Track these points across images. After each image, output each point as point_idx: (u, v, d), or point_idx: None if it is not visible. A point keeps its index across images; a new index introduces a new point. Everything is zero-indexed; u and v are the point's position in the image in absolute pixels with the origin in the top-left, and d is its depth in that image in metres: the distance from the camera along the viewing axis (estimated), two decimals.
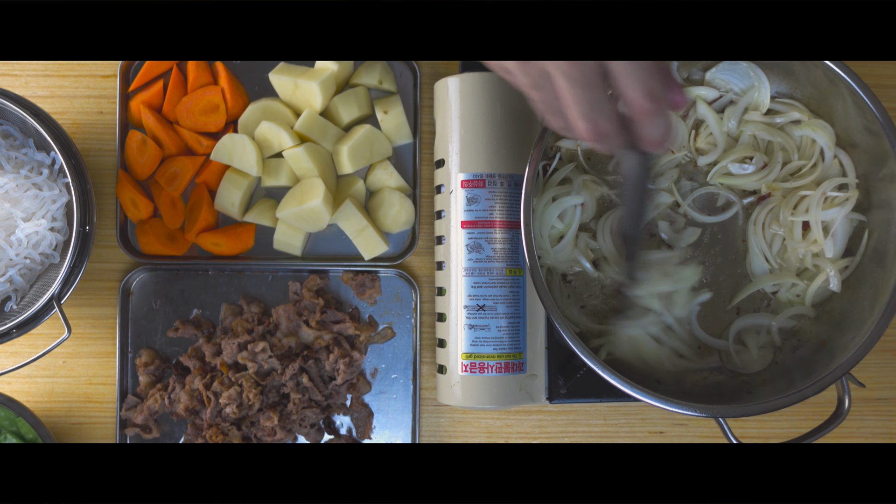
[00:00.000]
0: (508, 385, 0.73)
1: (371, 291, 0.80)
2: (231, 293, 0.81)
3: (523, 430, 0.82)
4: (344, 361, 0.77)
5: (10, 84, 0.81)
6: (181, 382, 0.78)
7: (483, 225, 0.73)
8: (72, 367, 0.80)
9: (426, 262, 0.82)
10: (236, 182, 0.78)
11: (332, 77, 0.78)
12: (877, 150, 0.69)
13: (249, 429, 0.78)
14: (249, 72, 0.81)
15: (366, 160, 0.79)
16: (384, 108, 0.80)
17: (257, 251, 0.81)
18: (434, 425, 0.82)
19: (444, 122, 0.75)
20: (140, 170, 0.79)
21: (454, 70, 0.78)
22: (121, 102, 0.80)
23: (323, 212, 0.76)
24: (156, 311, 0.80)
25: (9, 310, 0.75)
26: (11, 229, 0.73)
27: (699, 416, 0.64)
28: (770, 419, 0.82)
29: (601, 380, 0.64)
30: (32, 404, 0.80)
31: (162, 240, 0.79)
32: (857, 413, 0.82)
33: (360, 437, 0.80)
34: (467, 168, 0.73)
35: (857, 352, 0.65)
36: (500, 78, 0.74)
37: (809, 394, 0.65)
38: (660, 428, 0.82)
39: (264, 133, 0.78)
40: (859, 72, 0.67)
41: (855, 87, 0.67)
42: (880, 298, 0.67)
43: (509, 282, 0.73)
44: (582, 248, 0.73)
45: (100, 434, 0.80)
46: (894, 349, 0.83)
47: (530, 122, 0.75)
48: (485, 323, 0.72)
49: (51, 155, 0.75)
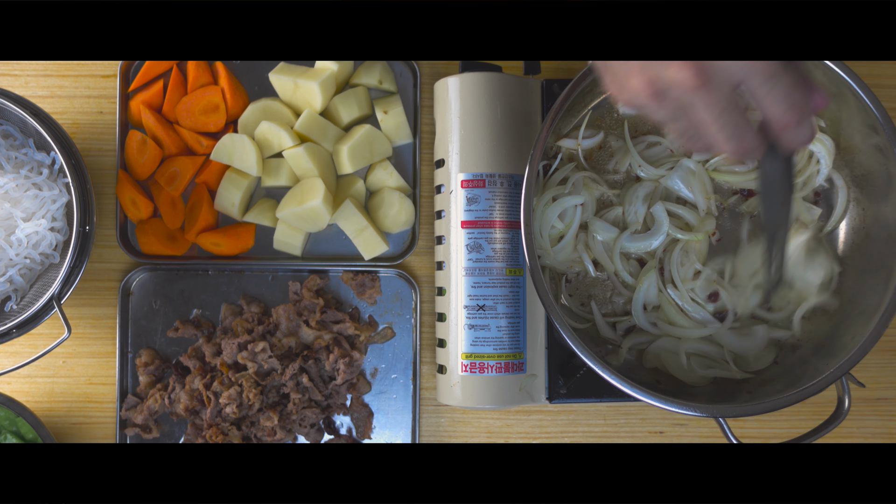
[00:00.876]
0: (508, 385, 0.73)
1: (371, 291, 0.80)
2: (231, 293, 0.81)
3: (523, 430, 0.82)
4: (344, 361, 0.77)
5: (10, 84, 0.81)
6: (181, 382, 0.78)
7: (483, 225, 0.73)
8: (72, 367, 0.80)
9: (426, 262, 0.82)
10: (236, 182, 0.78)
11: (332, 77, 0.78)
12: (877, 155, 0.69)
13: (249, 429, 0.78)
14: (249, 72, 0.81)
15: (366, 160, 0.79)
16: (384, 108, 0.80)
17: (257, 251, 0.81)
18: (434, 425, 0.82)
19: (444, 122, 0.75)
20: (140, 170, 0.79)
21: (454, 70, 0.78)
22: (121, 102, 0.80)
23: (323, 212, 0.76)
24: (156, 311, 0.80)
25: (9, 310, 0.75)
26: (11, 229, 0.73)
27: (699, 416, 0.64)
28: (770, 419, 0.82)
29: (601, 380, 0.64)
30: (32, 404, 0.80)
31: (162, 240, 0.79)
32: (857, 413, 0.82)
33: (360, 437, 0.80)
34: (467, 168, 0.73)
35: (857, 352, 0.65)
36: (500, 78, 0.74)
37: (809, 394, 0.65)
38: (660, 428, 0.82)
39: (264, 133, 0.78)
40: (859, 72, 0.67)
41: (855, 88, 0.67)
42: (880, 298, 0.67)
43: (509, 282, 0.73)
44: (582, 248, 0.73)
45: (100, 434, 0.80)
46: (894, 349, 0.83)
47: (530, 122, 0.75)
48: (485, 323, 0.72)
49: (51, 155, 0.75)
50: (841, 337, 0.69)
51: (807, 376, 0.67)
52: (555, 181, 0.73)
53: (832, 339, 0.71)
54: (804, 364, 0.71)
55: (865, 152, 0.71)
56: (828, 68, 0.67)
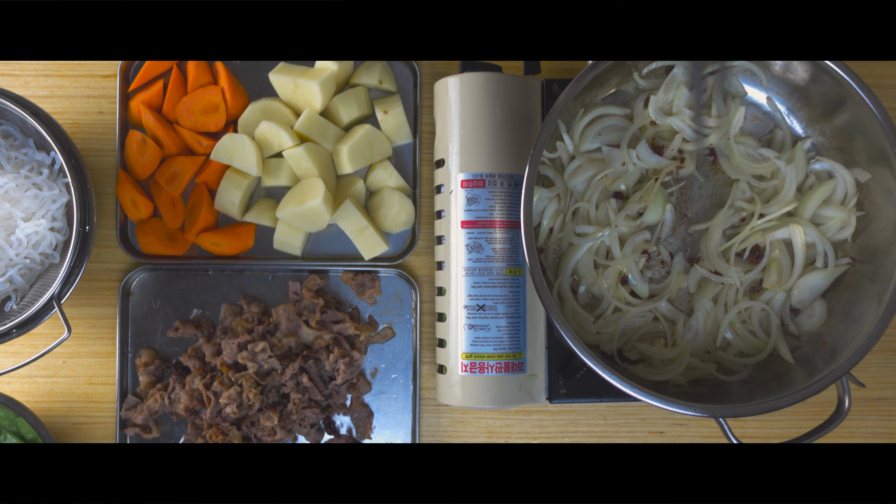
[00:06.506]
0: (508, 385, 0.73)
1: (371, 291, 0.80)
2: (231, 293, 0.81)
3: (523, 430, 0.82)
4: (344, 361, 0.77)
5: (10, 84, 0.81)
6: (181, 382, 0.78)
7: (483, 225, 0.73)
8: (72, 367, 0.80)
9: (426, 262, 0.82)
10: (236, 182, 0.78)
11: (332, 77, 0.78)
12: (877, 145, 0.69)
13: (249, 429, 0.78)
14: (249, 72, 0.81)
15: (366, 160, 0.79)
16: (384, 108, 0.80)
17: (257, 251, 0.81)
18: (434, 425, 0.82)
19: (444, 122, 0.75)
20: (140, 170, 0.79)
21: (454, 70, 0.78)
22: (121, 102, 0.80)
23: (323, 212, 0.76)
24: (156, 311, 0.80)
25: (9, 310, 0.75)
26: (11, 229, 0.73)
27: (699, 416, 0.64)
28: (770, 419, 0.82)
29: (601, 380, 0.64)
30: (32, 404, 0.80)
31: (162, 240, 0.79)
32: (857, 413, 0.82)
33: (360, 437, 0.80)
34: (467, 168, 0.73)
35: (857, 352, 0.65)
36: (500, 78, 0.74)
37: (809, 394, 0.65)
38: (660, 428, 0.82)
39: (264, 133, 0.78)
40: (859, 72, 0.67)
41: (855, 88, 0.67)
42: (881, 298, 0.67)
43: (509, 282, 0.73)
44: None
45: (100, 434, 0.80)
46: (894, 349, 0.83)
47: (530, 122, 0.75)
48: (485, 323, 0.72)
49: (51, 155, 0.75)
50: (841, 337, 0.69)
51: (807, 376, 0.67)
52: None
53: (832, 338, 0.71)
54: (804, 364, 0.71)
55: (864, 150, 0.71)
56: (828, 68, 0.67)
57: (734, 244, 0.73)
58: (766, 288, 0.73)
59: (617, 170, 0.74)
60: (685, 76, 0.74)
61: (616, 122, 0.75)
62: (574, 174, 0.74)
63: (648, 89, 0.75)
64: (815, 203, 0.73)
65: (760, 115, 0.76)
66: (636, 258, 0.73)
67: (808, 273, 0.73)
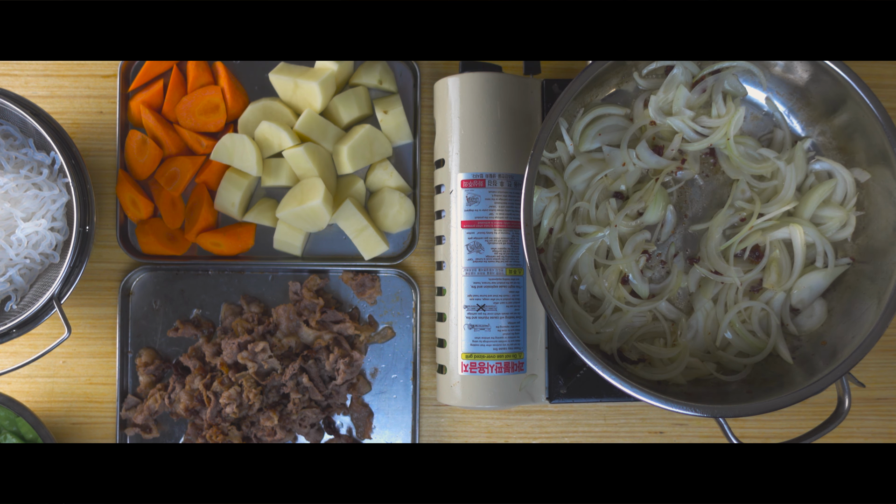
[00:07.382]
0: (508, 385, 0.73)
1: (371, 291, 0.80)
2: (231, 293, 0.81)
3: (523, 430, 0.82)
4: (344, 361, 0.77)
5: (10, 84, 0.81)
6: (181, 382, 0.78)
7: (483, 225, 0.73)
8: (72, 367, 0.80)
9: (426, 262, 0.82)
10: (236, 182, 0.78)
11: (332, 77, 0.78)
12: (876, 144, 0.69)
13: (249, 429, 0.78)
14: (249, 72, 0.81)
15: (366, 160, 0.79)
16: (384, 108, 0.80)
17: (257, 251, 0.81)
18: (434, 425, 0.82)
19: (444, 122, 0.75)
20: (140, 170, 0.79)
21: (454, 70, 0.78)
22: (121, 102, 0.80)
23: (323, 212, 0.76)
24: (156, 311, 0.80)
25: (9, 310, 0.75)
26: (11, 229, 0.73)
27: (699, 416, 0.64)
28: (770, 419, 0.82)
29: (601, 380, 0.64)
30: (32, 404, 0.80)
31: (162, 240, 0.79)
32: (857, 413, 0.82)
33: (360, 437, 0.80)
34: (467, 168, 0.73)
35: (857, 352, 0.65)
36: (500, 78, 0.74)
37: (809, 394, 0.65)
38: (660, 428, 0.82)
39: (264, 133, 0.78)
40: (859, 72, 0.67)
41: (855, 88, 0.67)
42: (880, 298, 0.67)
43: (509, 282, 0.73)
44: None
45: (100, 434, 0.80)
46: (894, 349, 0.83)
47: (530, 122, 0.75)
48: (485, 323, 0.72)
49: (51, 155, 0.75)
50: (841, 337, 0.69)
51: (807, 376, 0.67)
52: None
53: (832, 338, 0.71)
54: (804, 363, 0.71)
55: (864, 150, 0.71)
56: (828, 68, 0.67)
57: (734, 244, 0.73)
58: (765, 288, 0.73)
59: (617, 170, 0.74)
60: (685, 76, 0.74)
61: (616, 122, 0.75)
62: (574, 174, 0.74)
63: (648, 89, 0.75)
64: (814, 203, 0.73)
65: (760, 115, 0.76)
66: (636, 258, 0.73)
67: (807, 273, 0.73)
